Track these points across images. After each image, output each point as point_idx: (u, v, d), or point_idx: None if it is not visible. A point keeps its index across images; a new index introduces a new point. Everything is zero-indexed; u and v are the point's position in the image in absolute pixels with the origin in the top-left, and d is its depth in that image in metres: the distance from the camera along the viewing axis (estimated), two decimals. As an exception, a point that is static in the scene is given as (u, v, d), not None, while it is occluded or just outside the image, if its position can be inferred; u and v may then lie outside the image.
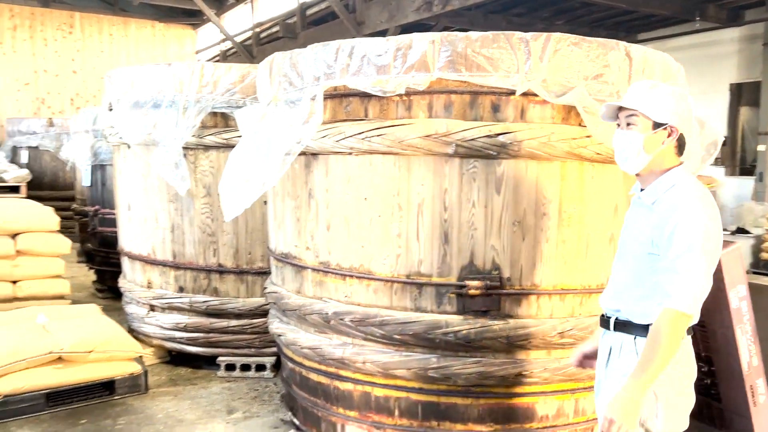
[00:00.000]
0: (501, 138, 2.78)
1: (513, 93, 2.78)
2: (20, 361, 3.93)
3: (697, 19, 9.30)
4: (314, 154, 3.15)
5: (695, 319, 2.08)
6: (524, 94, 2.78)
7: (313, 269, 3.22)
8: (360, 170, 3.01)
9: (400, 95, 2.87)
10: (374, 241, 3.00)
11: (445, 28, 10.32)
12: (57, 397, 4.08)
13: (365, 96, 2.96)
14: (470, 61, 2.76)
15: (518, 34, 2.75)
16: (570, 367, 2.92)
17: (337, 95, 3.06)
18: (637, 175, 2.20)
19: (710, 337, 3.75)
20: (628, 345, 2.18)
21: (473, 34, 2.76)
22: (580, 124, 2.83)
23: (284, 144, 3.05)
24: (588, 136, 2.81)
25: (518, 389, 2.97)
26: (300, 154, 3.12)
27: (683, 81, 3.24)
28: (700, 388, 3.98)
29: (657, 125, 2.10)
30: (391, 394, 3.04)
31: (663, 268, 2.05)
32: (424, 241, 2.92)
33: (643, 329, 2.12)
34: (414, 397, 3.01)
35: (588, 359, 2.46)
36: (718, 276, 3.60)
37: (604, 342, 2.29)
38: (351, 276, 3.08)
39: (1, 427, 3.80)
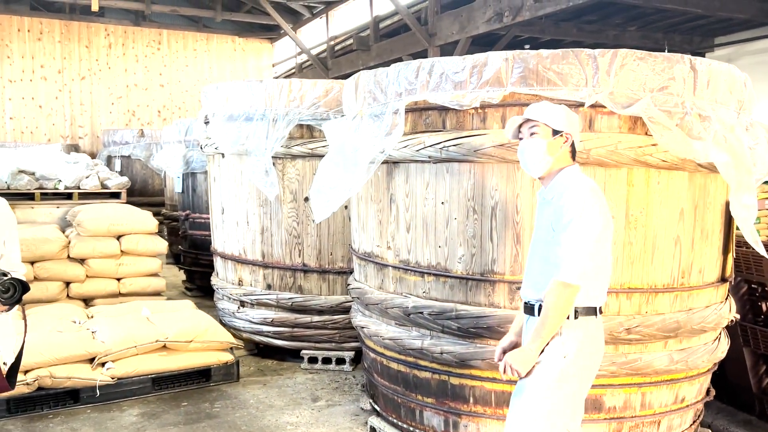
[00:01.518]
0: (570, 146, 2.99)
1: (582, 105, 2.99)
2: (131, 347, 4.41)
3: (777, 21, 9.07)
4: (395, 163, 3.46)
5: (583, 289, 2.37)
6: (592, 106, 2.99)
7: (394, 267, 3.52)
8: (438, 177, 3.29)
9: (475, 108, 3.14)
10: (451, 242, 3.28)
11: (515, 37, 10.42)
12: (161, 382, 4.54)
13: (443, 109, 3.24)
14: (541, 77, 3.00)
15: (587, 51, 2.97)
16: (638, 362, 3.10)
17: (417, 109, 3.36)
18: (541, 178, 2.57)
19: (780, 339, 3.81)
20: None
21: (544, 52, 3.00)
22: (646, 133, 3.01)
23: (369, 153, 3.37)
24: (654, 145, 2.99)
25: (586, 381, 3.14)
26: (383, 163, 3.43)
27: (750, 89, 3.34)
28: (764, 386, 4.03)
29: (555, 132, 2.51)
30: (465, 382, 3.29)
31: (555, 248, 2.42)
32: (497, 241, 3.17)
33: None
34: (488, 386, 3.24)
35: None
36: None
37: (532, 327, 2.53)
38: (429, 273, 3.36)
39: (115, 405, 4.29)
